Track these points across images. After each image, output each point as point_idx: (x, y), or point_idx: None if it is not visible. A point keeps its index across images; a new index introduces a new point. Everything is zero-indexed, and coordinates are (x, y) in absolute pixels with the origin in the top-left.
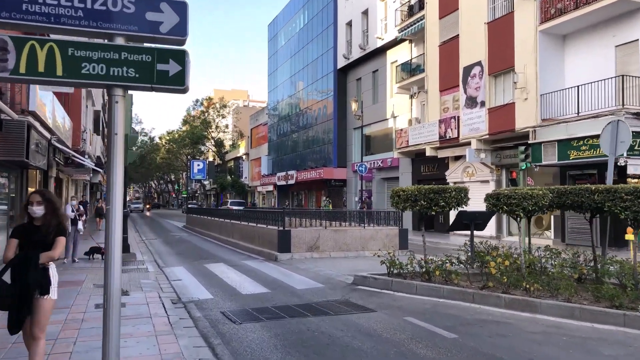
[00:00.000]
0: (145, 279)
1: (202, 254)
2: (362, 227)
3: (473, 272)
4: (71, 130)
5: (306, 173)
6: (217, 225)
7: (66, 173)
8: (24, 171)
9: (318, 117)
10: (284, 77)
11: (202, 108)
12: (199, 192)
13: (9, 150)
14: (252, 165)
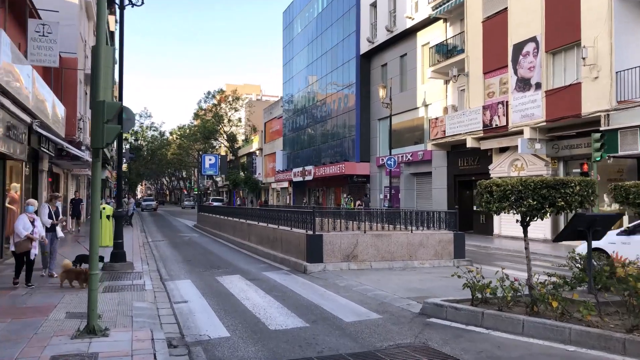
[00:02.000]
0: (140, 302)
1: (214, 260)
2: (408, 231)
3: (602, 299)
4: (64, 117)
5: (325, 168)
6: (230, 225)
7: (62, 167)
8: (1, 162)
9: (338, 108)
10: (300, 67)
11: (214, 101)
12: (210, 189)
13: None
14: (266, 160)
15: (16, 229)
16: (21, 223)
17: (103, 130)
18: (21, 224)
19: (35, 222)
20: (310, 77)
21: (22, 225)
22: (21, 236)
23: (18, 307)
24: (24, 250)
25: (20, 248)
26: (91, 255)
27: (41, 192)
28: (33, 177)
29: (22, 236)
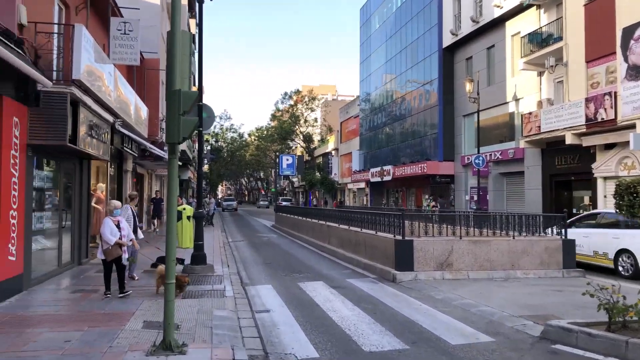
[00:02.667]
0: (220, 310)
1: (294, 264)
2: (509, 237)
3: None
4: (147, 118)
5: (405, 168)
6: (309, 227)
7: (146, 167)
8: (84, 162)
9: (418, 105)
10: (377, 64)
11: (290, 102)
12: (287, 189)
13: (47, 131)
14: (341, 160)
15: (103, 236)
16: (107, 228)
17: (179, 123)
18: (107, 229)
19: (121, 225)
20: (389, 74)
21: (108, 230)
22: (110, 242)
23: (96, 313)
24: (115, 257)
25: (110, 255)
26: (167, 262)
27: (126, 192)
28: (118, 177)
29: (111, 242)
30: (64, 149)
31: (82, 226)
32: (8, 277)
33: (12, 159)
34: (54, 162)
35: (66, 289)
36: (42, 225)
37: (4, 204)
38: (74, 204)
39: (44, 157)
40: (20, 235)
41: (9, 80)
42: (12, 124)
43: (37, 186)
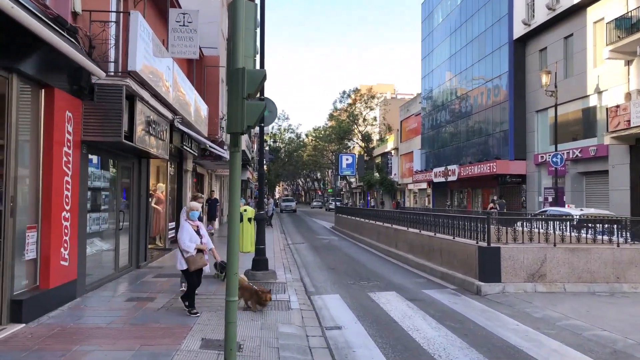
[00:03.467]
0: (286, 325)
1: (361, 270)
2: (613, 245)
3: None
4: (207, 116)
5: (472, 168)
6: (373, 229)
7: (206, 167)
8: (142, 161)
9: (486, 101)
10: (440, 59)
11: (349, 101)
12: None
13: (102, 127)
14: (402, 160)
15: (182, 243)
16: (186, 234)
17: (242, 108)
18: (187, 235)
19: (201, 231)
20: (453, 69)
21: (187, 236)
22: (190, 250)
23: (150, 327)
24: (200, 267)
25: (195, 264)
26: (229, 275)
27: (185, 193)
28: (178, 177)
29: (191, 250)
30: (120, 146)
31: (141, 227)
32: (60, 283)
33: (65, 156)
34: (111, 161)
35: (121, 296)
36: (98, 227)
37: (55, 205)
38: (132, 205)
39: (99, 155)
40: (74, 239)
41: (62, 71)
42: (65, 118)
43: (92, 186)
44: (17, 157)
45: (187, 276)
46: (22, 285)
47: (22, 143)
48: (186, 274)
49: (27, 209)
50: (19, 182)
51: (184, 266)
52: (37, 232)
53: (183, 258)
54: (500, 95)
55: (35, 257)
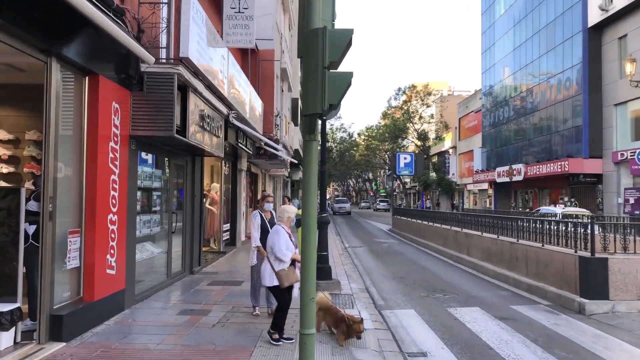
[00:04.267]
0: (361, 350)
1: (431, 279)
2: None
3: None
4: (262, 113)
5: (540, 167)
6: (438, 233)
7: (260, 167)
8: (196, 159)
9: (555, 95)
10: (503, 52)
11: (404, 98)
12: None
13: (151, 120)
14: (460, 159)
15: (278, 252)
16: (283, 241)
17: (323, 81)
18: (283, 241)
19: (293, 239)
20: (517, 62)
21: (284, 243)
22: (285, 259)
23: (204, 350)
24: (293, 282)
25: (288, 279)
26: (303, 300)
27: (240, 193)
28: (232, 176)
29: (286, 260)
30: (172, 142)
31: (195, 230)
32: (106, 294)
33: (112, 152)
34: (163, 158)
35: (173, 307)
36: (149, 230)
37: (100, 207)
38: (186, 205)
39: (150, 152)
40: (122, 244)
41: (108, 57)
42: (111, 110)
43: (142, 185)
44: (57, 153)
45: (277, 294)
46: (63, 297)
47: (63, 138)
48: (276, 292)
49: (68, 211)
50: (60, 182)
51: (274, 282)
52: (80, 237)
53: (274, 271)
54: (572, 89)
55: (78, 265)
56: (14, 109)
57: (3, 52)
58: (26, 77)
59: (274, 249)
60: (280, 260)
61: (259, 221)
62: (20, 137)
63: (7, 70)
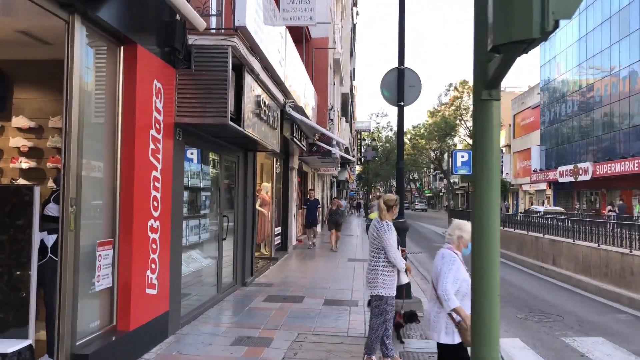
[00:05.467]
0: None
1: (521, 295)
2: None
3: None
4: (316, 107)
5: (612, 165)
6: (511, 239)
7: (311, 165)
8: (249, 155)
9: (630, 86)
10: (566, 43)
11: (454, 94)
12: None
13: (202, 104)
14: (515, 158)
15: (444, 293)
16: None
17: None
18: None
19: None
20: (582, 53)
21: (452, 280)
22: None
23: None
24: None
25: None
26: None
27: (291, 194)
28: (284, 175)
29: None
30: (223, 133)
31: (247, 235)
32: (146, 320)
33: (153, 143)
34: (211, 153)
35: (226, 334)
36: (197, 237)
37: (139, 211)
38: (237, 208)
39: (196, 146)
40: (165, 256)
41: (148, 22)
42: (153, 90)
43: (189, 184)
44: (81, 141)
45: (456, 354)
46: (90, 328)
47: (91, 123)
48: (450, 353)
49: (98, 216)
50: (86, 180)
51: (453, 339)
52: (112, 249)
53: (454, 322)
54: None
55: (110, 285)
56: (37, 91)
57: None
58: (51, 51)
59: (438, 285)
60: (457, 311)
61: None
62: (44, 124)
63: (30, 43)
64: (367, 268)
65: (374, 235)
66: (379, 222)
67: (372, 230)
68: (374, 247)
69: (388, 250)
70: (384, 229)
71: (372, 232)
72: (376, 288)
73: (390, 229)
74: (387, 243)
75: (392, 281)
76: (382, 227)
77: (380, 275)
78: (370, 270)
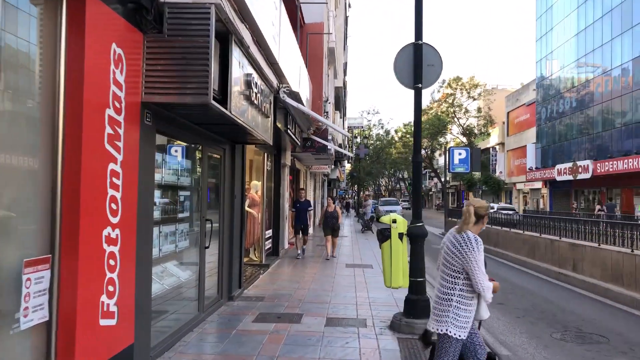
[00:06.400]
0: None
1: (548, 308)
2: None
3: None
4: (310, 98)
5: (614, 163)
6: (521, 241)
7: (304, 162)
8: (237, 148)
9: (633, 80)
10: (564, 38)
11: (448, 90)
12: (433, 190)
13: (176, 79)
14: (509, 156)
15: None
16: None
17: None
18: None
19: None
20: (582, 47)
21: None
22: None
23: None
24: None
25: None
26: None
27: (283, 193)
28: (275, 172)
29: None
30: (205, 117)
31: (235, 242)
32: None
33: (110, 126)
34: (192, 144)
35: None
36: (173, 246)
37: (89, 216)
38: (223, 210)
39: (173, 134)
40: (129, 274)
41: None
42: (111, 58)
43: (163, 182)
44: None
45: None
46: None
47: (18, 100)
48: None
49: (26, 226)
50: (8, 173)
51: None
52: (50, 270)
53: None
54: None
55: (46, 318)
56: None
57: None
58: None
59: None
60: None
61: None
62: None
63: None
64: (436, 295)
65: (452, 253)
66: (462, 238)
67: (448, 248)
68: (449, 269)
69: (475, 275)
70: (471, 247)
71: (450, 250)
72: (446, 324)
73: (480, 246)
74: (475, 266)
75: (468, 317)
76: (469, 243)
77: (455, 308)
78: (441, 300)
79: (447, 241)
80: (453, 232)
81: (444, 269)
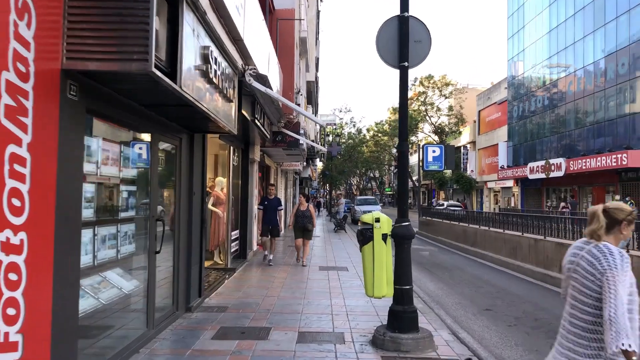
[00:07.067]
0: None
1: (541, 316)
2: None
3: None
4: (281, 88)
5: (587, 161)
6: (501, 241)
7: (274, 159)
8: (196, 138)
9: (607, 78)
10: (536, 36)
11: (420, 89)
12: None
13: (107, 38)
14: (480, 155)
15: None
16: None
17: None
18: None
19: None
20: (554, 45)
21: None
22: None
23: None
24: None
25: None
26: None
27: (252, 191)
28: (243, 169)
29: None
30: (150, 96)
31: (194, 245)
32: None
33: (9, 94)
34: (140, 130)
35: None
36: (113, 251)
37: None
38: (179, 208)
39: (108, 115)
40: (42, 291)
41: None
42: (11, 3)
43: (101, 174)
44: None
45: None
46: None
47: None
48: None
49: None
50: None
51: None
52: None
53: None
54: (629, 70)
55: None
56: None
57: None
58: None
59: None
60: None
61: None
62: None
63: None
64: (569, 330)
65: (589, 274)
66: (603, 253)
67: (583, 266)
68: (586, 295)
69: (612, 304)
70: (614, 264)
71: (585, 270)
72: None
73: (627, 265)
74: (614, 291)
75: None
76: (612, 259)
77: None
78: (579, 336)
79: (578, 257)
80: (583, 245)
81: (575, 295)
